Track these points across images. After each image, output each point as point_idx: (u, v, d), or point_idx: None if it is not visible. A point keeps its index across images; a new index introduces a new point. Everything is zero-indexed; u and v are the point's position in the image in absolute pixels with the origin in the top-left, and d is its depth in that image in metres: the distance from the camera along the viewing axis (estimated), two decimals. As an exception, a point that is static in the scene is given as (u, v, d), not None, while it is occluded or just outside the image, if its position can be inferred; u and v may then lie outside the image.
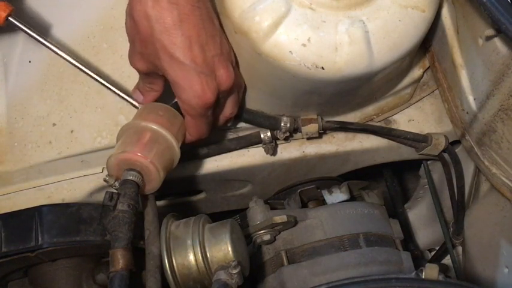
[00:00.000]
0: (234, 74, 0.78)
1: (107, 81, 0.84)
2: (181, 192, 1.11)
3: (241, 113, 0.90)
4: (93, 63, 0.91)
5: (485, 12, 0.67)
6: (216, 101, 0.77)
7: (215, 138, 0.94)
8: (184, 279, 0.74)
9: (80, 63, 0.83)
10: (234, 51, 0.82)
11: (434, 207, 1.15)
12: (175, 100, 0.80)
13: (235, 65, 0.82)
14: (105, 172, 0.81)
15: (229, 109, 0.84)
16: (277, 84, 0.84)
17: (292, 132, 0.94)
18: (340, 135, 0.99)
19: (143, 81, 0.82)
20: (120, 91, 0.84)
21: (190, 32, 0.72)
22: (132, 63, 0.80)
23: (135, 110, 0.84)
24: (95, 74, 0.83)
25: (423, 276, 0.62)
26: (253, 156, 0.98)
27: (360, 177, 1.05)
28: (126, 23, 0.77)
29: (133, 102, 0.84)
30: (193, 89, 0.74)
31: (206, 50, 0.74)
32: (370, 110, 0.98)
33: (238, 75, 0.84)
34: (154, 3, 0.71)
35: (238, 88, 0.84)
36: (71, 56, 0.82)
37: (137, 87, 0.84)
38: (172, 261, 0.74)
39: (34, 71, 0.93)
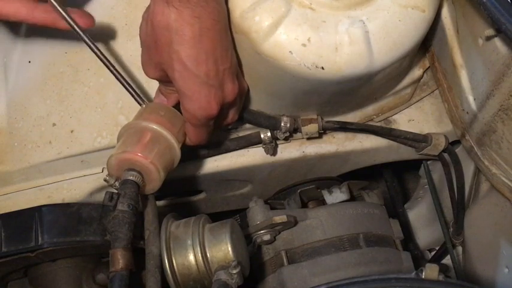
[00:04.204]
0: (238, 87, 0.79)
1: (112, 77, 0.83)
2: (181, 192, 1.11)
3: (242, 114, 0.90)
4: (93, 63, 0.91)
5: (485, 12, 0.67)
6: (219, 111, 0.77)
7: (215, 138, 0.94)
8: (184, 279, 0.74)
9: (98, 50, 0.81)
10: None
11: (434, 207, 1.15)
12: None
13: (239, 74, 0.82)
14: (105, 172, 0.81)
15: (230, 117, 0.84)
16: (277, 84, 0.84)
17: (292, 132, 0.94)
18: (340, 135, 0.99)
19: (164, 85, 0.82)
20: (129, 86, 0.83)
21: (208, 46, 0.73)
22: (144, 71, 0.80)
23: (136, 110, 0.83)
24: (110, 63, 0.82)
25: (423, 276, 0.62)
26: (253, 156, 0.98)
27: (360, 177, 1.05)
28: (142, 29, 0.76)
29: (137, 98, 0.83)
30: (200, 101, 0.75)
31: (219, 63, 0.75)
32: (370, 110, 0.98)
33: (243, 82, 0.84)
34: (177, 15, 0.71)
35: (241, 96, 0.84)
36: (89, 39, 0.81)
37: (159, 91, 0.84)
38: (172, 261, 0.74)
39: (34, 71, 0.93)
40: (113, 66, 0.82)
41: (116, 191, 0.74)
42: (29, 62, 0.93)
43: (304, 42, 0.76)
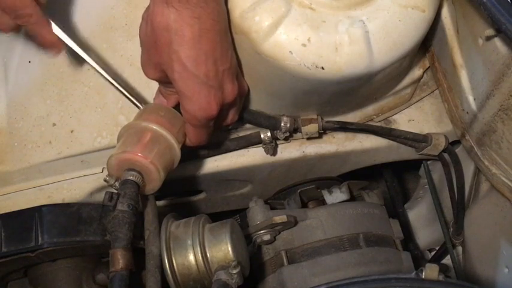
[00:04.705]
0: (238, 88, 0.79)
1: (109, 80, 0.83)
2: (181, 192, 1.11)
3: (242, 114, 0.90)
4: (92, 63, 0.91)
5: (485, 12, 0.67)
6: (219, 112, 0.77)
7: (215, 138, 0.94)
8: (184, 279, 0.74)
9: (91, 58, 0.82)
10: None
11: (434, 207, 1.15)
12: None
13: (240, 75, 0.82)
14: (105, 172, 0.81)
15: (230, 117, 0.84)
16: (277, 84, 0.84)
17: (292, 132, 0.94)
18: (340, 135, 0.99)
19: (164, 86, 0.82)
20: (125, 90, 0.84)
21: (208, 47, 0.73)
22: (144, 71, 0.80)
23: (136, 111, 0.84)
24: (104, 70, 0.83)
25: (423, 276, 0.62)
26: (253, 156, 0.98)
27: (360, 177, 1.05)
28: (141, 30, 0.76)
29: (137, 103, 0.84)
30: (200, 102, 0.75)
31: (219, 64, 0.74)
32: (370, 110, 0.98)
33: (243, 82, 0.84)
34: (177, 16, 0.71)
35: (241, 97, 0.84)
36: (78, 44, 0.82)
37: (159, 92, 0.84)
38: (172, 261, 0.74)
39: (34, 71, 0.93)
40: (109, 72, 0.82)
41: (116, 191, 0.74)
42: (29, 62, 0.93)
43: (304, 42, 0.76)
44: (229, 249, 0.74)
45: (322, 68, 0.77)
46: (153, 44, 0.74)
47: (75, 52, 0.82)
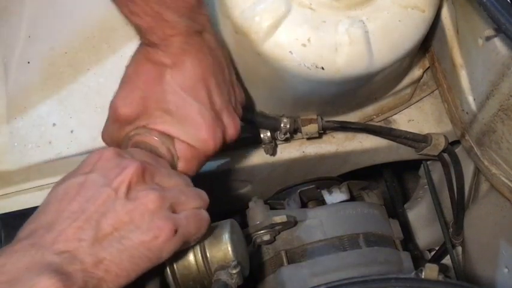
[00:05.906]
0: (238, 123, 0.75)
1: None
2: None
3: (243, 113, 0.90)
4: (93, 63, 0.91)
5: (485, 12, 0.67)
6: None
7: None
8: (184, 279, 0.74)
9: None
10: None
11: (434, 207, 1.15)
12: None
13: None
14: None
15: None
16: (277, 84, 0.84)
17: (292, 132, 0.94)
18: (340, 135, 0.99)
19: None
20: None
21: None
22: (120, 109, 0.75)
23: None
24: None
25: (423, 276, 0.62)
26: (253, 156, 0.98)
27: (360, 177, 1.05)
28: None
29: None
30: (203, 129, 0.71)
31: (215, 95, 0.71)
32: (370, 110, 0.98)
33: (242, 93, 0.80)
34: None
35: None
36: None
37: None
38: (172, 262, 0.74)
39: (34, 71, 0.92)
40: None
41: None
42: (28, 62, 0.93)
43: (304, 43, 0.76)
44: (229, 249, 0.73)
45: (322, 68, 0.77)
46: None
47: None
